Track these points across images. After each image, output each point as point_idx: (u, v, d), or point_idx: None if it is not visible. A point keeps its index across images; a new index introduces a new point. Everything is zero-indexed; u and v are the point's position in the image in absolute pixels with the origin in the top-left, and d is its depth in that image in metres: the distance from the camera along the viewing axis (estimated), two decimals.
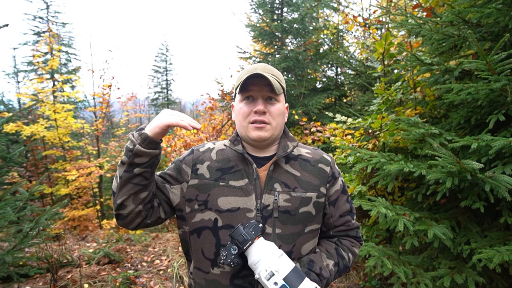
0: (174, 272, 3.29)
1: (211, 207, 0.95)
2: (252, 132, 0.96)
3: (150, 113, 21.18)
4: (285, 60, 5.22)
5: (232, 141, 1.03)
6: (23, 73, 10.82)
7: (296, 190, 0.96)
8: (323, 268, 0.94)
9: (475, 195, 1.84)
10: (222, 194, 0.95)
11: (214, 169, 0.99)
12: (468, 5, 2.20)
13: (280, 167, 0.99)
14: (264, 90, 0.95)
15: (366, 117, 2.80)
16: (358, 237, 1.09)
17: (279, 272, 0.79)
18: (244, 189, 0.95)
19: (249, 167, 0.98)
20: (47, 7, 10.83)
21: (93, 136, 8.46)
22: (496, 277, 1.91)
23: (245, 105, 0.97)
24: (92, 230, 6.37)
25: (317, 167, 1.02)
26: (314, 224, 0.99)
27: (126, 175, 0.89)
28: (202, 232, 0.95)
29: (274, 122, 0.97)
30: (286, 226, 0.94)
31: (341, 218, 1.05)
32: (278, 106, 0.98)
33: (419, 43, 3.02)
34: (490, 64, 1.73)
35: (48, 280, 2.94)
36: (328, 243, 1.05)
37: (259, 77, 0.93)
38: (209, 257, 0.95)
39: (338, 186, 1.05)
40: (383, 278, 2.78)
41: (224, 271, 0.93)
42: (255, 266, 0.82)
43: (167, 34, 55.42)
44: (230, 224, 0.93)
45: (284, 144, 1.03)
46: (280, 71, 1.04)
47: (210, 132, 5.54)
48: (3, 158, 2.55)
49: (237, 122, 1.01)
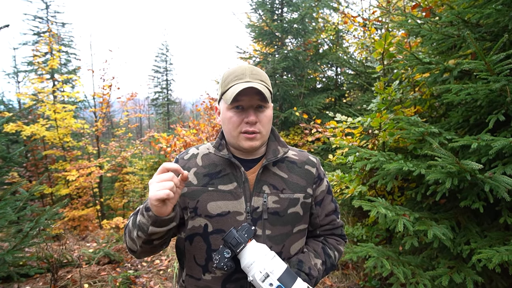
0: (174, 272, 3.29)
1: (200, 213, 0.95)
2: (244, 142, 0.95)
3: (150, 113, 21.20)
4: (285, 60, 5.23)
5: (216, 147, 1.01)
6: (23, 73, 10.84)
7: (284, 192, 0.97)
8: (312, 268, 0.95)
9: (475, 195, 1.84)
10: (211, 199, 0.95)
11: (202, 174, 0.99)
12: (468, 5, 2.21)
13: (268, 170, 1.00)
14: (254, 99, 0.92)
15: (366, 116, 2.80)
16: (342, 235, 1.12)
17: (274, 273, 0.80)
18: (234, 193, 0.95)
19: (237, 171, 0.98)
20: (47, 7, 10.85)
21: (93, 136, 8.46)
22: (495, 277, 1.91)
23: (234, 114, 0.93)
24: (92, 230, 6.38)
25: (304, 169, 1.04)
26: (302, 224, 1.01)
27: (146, 246, 0.90)
28: (194, 238, 0.96)
29: (264, 130, 0.96)
30: (276, 227, 0.95)
31: (327, 217, 1.08)
32: (268, 113, 0.96)
33: (417, 43, 3.02)
34: (489, 65, 1.73)
35: (48, 280, 2.95)
36: (315, 243, 1.07)
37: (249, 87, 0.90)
38: (200, 263, 0.95)
39: (323, 186, 1.07)
40: (383, 278, 2.78)
41: (216, 276, 0.93)
42: (249, 268, 0.83)
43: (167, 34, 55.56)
44: (221, 229, 0.93)
45: (274, 148, 1.02)
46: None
47: (210, 132, 5.54)
48: (3, 158, 2.55)
49: (226, 130, 0.98)
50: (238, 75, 0.94)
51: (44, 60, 8.71)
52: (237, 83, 0.92)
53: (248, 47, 6.99)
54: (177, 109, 23.71)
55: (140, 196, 9.10)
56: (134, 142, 9.17)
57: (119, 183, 8.74)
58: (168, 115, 19.66)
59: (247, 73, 0.94)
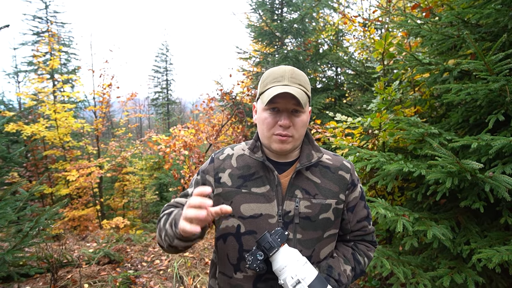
0: (174, 272, 3.29)
1: (234, 214, 0.96)
2: (275, 144, 0.95)
3: (150, 113, 21.20)
4: (285, 60, 5.23)
5: (251, 149, 1.02)
6: (23, 73, 10.83)
7: (316, 197, 0.97)
8: (341, 274, 0.96)
9: (475, 195, 1.84)
10: (244, 201, 0.96)
11: (236, 176, 1.00)
12: (467, 6, 2.21)
13: (301, 174, 1.00)
14: (290, 103, 0.92)
15: (366, 116, 2.80)
16: (373, 241, 1.11)
17: (305, 280, 0.82)
18: (266, 196, 0.96)
19: (270, 174, 0.98)
20: (46, 7, 10.83)
21: (93, 136, 8.46)
22: (495, 277, 1.91)
23: (269, 115, 0.94)
24: (92, 230, 6.38)
25: (337, 174, 1.03)
26: (333, 229, 1.01)
27: (171, 249, 0.92)
28: (227, 238, 0.98)
29: (297, 134, 0.96)
30: (307, 231, 0.96)
31: (358, 223, 1.07)
32: (303, 118, 0.96)
33: (417, 43, 3.02)
34: (488, 65, 1.73)
35: (48, 280, 2.95)
36: (345, 248, 1.07)
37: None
38: (233, 262, 0.97)
39: (357, 193, 1.06)
40: (383, 278, 2.78)
41: (247, 275, 0.95)
42: (280, 272, 0.85)
43: (167, 34, 55.53)
44: (253, 230, 0.94)
45: (308, 152, 1.02)
46: (301, 72, 1.00)
47: (209, 132, 5.54)
48: (3, 158, 2.55)
49: (260, 130, 0.99)
50: (277, 77, 0.94)
51: (44, 60, 8.71)
52: (275, 85, 0.92)
53: (248, 47, 6.99)
54: (177, 109, 23.69)
55: (140, 196, 9.10)
56: (134, 142, 9.18)
57: (119, 183, 8.75)
58: (168, 115, 19.66)
59: (287, 76, 0.94)
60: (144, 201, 9.22)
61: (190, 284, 3.10)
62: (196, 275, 3.23)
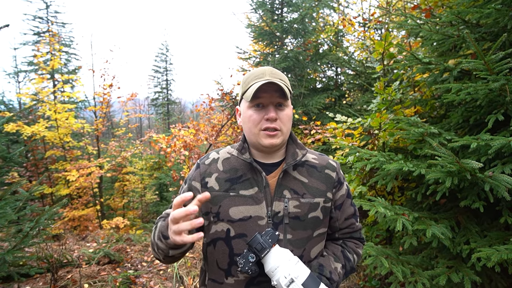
0: (174, 272, 3.29)
1: (223, 218, 0.96)
2: (264, 140, 0.96)
3: (150, 113, 21.19)
4: (285, 60, 5.23)
5: (239, 150, 1.02)
6: (23, 73, 10.84)
7: (304, 196, 0.98)
8: (332, 272, 0.96)
9: (475, 195, 1.84)
10: (233, 204, 0.96)
11: (223, 180, 0.99)
12: (468, 6, 2.21)
13: (288, 174, 1.00)
14: (274, 96, 0.94)
15: (366, 117, 2.81)
16: (361, 238, 1.13)
17: (298, 279, 0.82)
18: (255, 198, 0.96)
19: (258, 176, 0.99)
20: (47, 7, 10.83)
21: (93, 136, 8.46)
22: (495, 277, 1.91)
23: (254, 112, 0.96)
24: (92, 230, 6.38)
25: (324, 173, 1.04)
26: (322, 228, 1.02)
27: (169, 258, 0.96)
28: (217, 242, 0.97)
29: (285, 128, 0.97)
30: (297, 231, 0.96)
31: (346, 221, 1.08)
32: (287, 112, 0.98)
33: (418, 44, 3.02)
34: (488, 64, 1.73)
35: (48, 280, 2.95)
36: (335, 246, 1.08)
37: (269, 84, 0.92)
38: (223, 267, 0.96)
39: (343, 190, 1.07)
40: (383, 278, 2.78)
41: (238, 279, 0.94)
42: (273, 273, 0.85)
43: (167, 34, 55.53)
44: (243, 233, 0.94)
45: (293, 151, 1.03)
46: (280, 71, 1.04)
47: (209, 132, 5.54)
48: (3, 158, 2.55)
49: (247, 129, 1.00)
50: (258, 74, 0.97)
51: (44, 60, 8.72)
52: (257, 81, 0.94)
53: (248, 47, 6.99)
54: (177, 109, 23.70)
55: (140, 196, 9.11)
56: (134, 142, 9.18)
57: (119, 183, 8.75)
58: (168, 115, 19.66)
59: (267, 73, 0.97)
60: (144, 201, 9.22)
61: (190, 284, 3.10)
62: (196, 275, 3.23)
